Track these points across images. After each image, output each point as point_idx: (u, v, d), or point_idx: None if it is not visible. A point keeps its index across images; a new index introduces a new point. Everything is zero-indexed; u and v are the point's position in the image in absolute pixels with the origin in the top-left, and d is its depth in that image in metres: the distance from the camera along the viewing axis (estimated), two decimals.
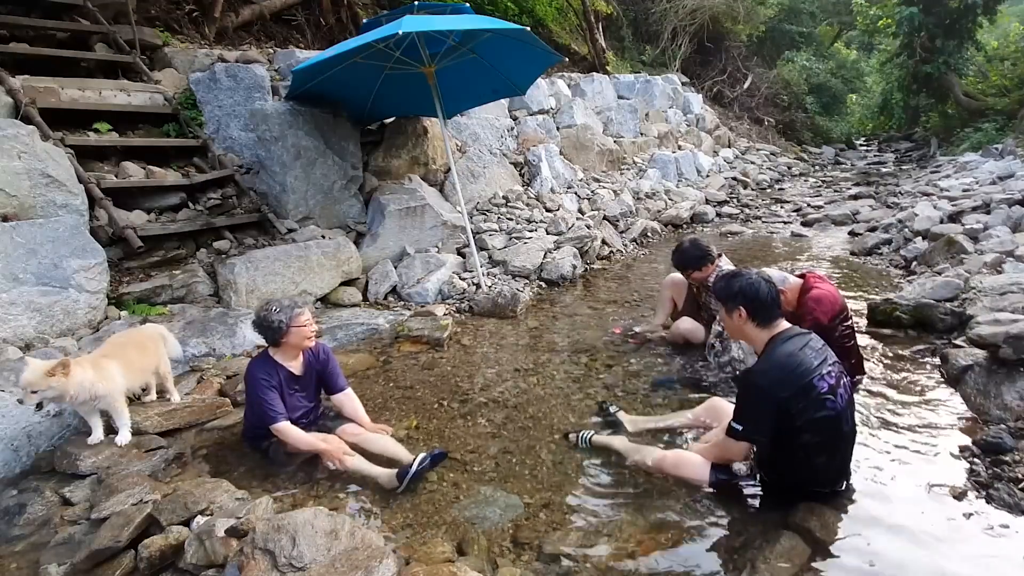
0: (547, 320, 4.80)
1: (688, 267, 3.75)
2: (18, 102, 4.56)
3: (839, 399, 2.20)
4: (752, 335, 2.37)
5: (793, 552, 2.08)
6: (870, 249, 6.54)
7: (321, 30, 8.55)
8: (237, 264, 4.58)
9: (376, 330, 4.55)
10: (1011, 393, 2.85)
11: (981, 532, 2.16)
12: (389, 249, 5.70)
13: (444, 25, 4.75)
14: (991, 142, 12.41)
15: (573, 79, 11.09)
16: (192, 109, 5.82)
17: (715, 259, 3.73)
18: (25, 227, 3.76)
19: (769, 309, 2.33)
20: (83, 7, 5.92)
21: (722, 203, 9.82)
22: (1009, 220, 5.81)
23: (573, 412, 3.26)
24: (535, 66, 6.05)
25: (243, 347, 4.06)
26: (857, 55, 25.75)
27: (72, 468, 2.69)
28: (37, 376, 2.51)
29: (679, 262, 3.79)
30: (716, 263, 3.73)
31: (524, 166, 8.08)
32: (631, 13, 15.85)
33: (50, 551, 2.26)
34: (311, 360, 2.96)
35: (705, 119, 14.15)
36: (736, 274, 2.46)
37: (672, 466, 2.53)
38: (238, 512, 2.25)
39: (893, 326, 4.04)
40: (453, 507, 2.49)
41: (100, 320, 4.01)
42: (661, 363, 3.82)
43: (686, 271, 3.80)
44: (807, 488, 2.32)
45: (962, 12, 14.53)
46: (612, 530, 2.30)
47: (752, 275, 2.40)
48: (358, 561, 1.85)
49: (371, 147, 6.46)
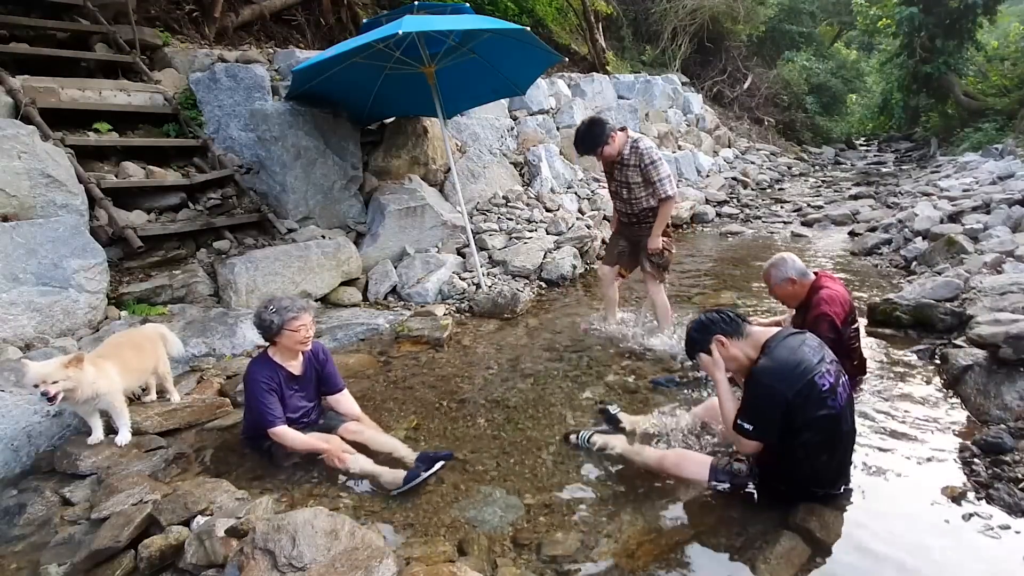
0: (547, 320, 4.80)
1: (597, 145, 3.79)
2: (18, 102, 4.56)
3: (839, 398, 2.20)
4: (744, 353, 2.35)
5: (793, 552, 2.08)
6: (870, 249, 6.54)
7: (321, 30, 8.54)
8: (237, 264, 4.58)
9: (376, 330, 4.55)
10: (1011, 393, 2.85)
11: (981, 532, 2.16)
12: (389, 249, 5.70)
13: (444, 25, 4.75)
14: (991, 142, 12.41)
15: (573, 79, 11.09)
16: (192, 109, 5.82)
17: (617, 129, 3.82)
18: (25, 227, 3.76)
19: (737, 321, 2.40)
20: (83, 7, 5.91)
21: (722, 203, 9.82)
22: (1009, 220, 5.81)
23: (573, 412, 3.26)
24: (535, 66, 6.05)
25: (243, 347, 4.06)
26: (857, 55, 25.75)
27: (72, 468, 2.69)
28: (57, 368, 2.58)
29: (588, 145, 3.82)
30: (626, 133, 3.85)
31: (524, 166, 8.08)
32: (631, 13, 15.85)
33: (50, 551, 2.26)
34: (311, 360, 2.96)
35: (705, 119, 14.15)
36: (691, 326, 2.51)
37: (672, 466, 2.53)
38: (238, 512, 2.25)
39: (893, 326, 4.04)
40: (453, 507, 2.49)
41: (100, 320, 4.01)
42: (661, 363, 3.82)
43: (595, 151, 3.83)
44: (807, 488, 2.31)
45: (962, 12, 14.53)
46: (612, 530, 2.30)
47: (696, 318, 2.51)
48: (358, 561, 1.85)
49: (371, 147, 6.46)
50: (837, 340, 2.83)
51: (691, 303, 5.01)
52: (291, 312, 2.76)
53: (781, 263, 3.09)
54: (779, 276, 3.07)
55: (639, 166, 3.79)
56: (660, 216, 3.88)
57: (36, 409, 2.93)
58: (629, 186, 3.88)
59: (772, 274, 3.10)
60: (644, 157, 3.76)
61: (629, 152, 3.81)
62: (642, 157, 3.77)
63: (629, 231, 4.16)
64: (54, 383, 2.55)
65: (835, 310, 2.92)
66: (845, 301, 3.02)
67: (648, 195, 3.87)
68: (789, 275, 3.05)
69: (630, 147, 3.81)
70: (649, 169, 3.76)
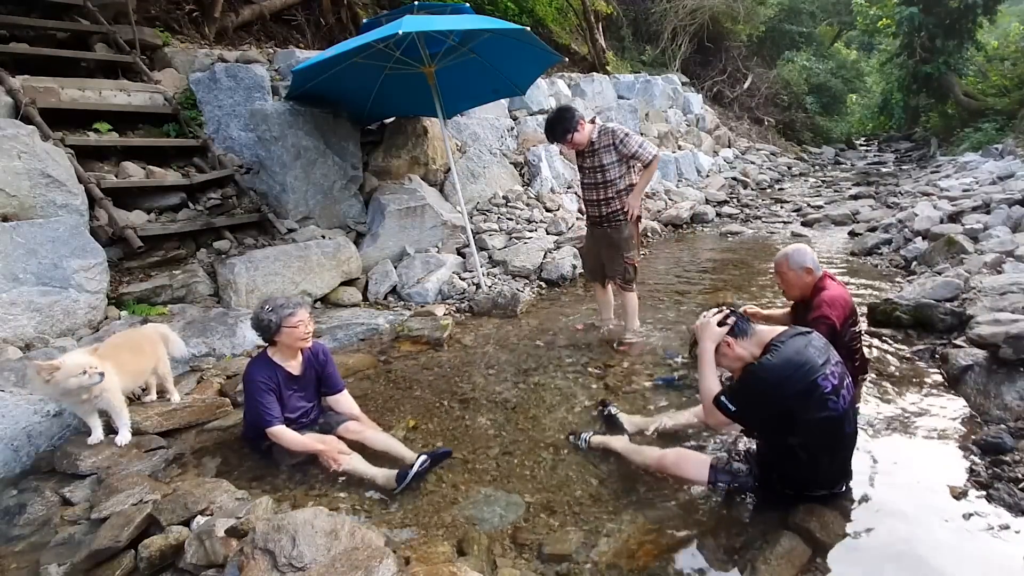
0: (547, 320, 4.79)
1: (567, 132, 3.82)
2: (18, 102, 4.56)
3: (841, 400, 2.18)
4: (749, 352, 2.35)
5: (793, 552, 2.07)
6: (870, 249, 6.53)
7: (321, 30, 8.55)
8: (237, 264, 4.58)
9: (376, 330, 4.55)
10: (1011, 393, 2.85)
11: (981, 532, 2.16)
12: (389, 249, 5.71)
13: (444, 25, 4.75)
14: (991, 142, 12.41)
15: (573, 79, 11.09)
16: (192, 109, 5.82)
17: (585, 118, 3.88)
18: (25, 227, 3.76)
19: (743, 323, 2.40)
20: (83, 7, 5.92)
21: (722, 203, 9.81)
22: (1009, 220, 5.80)
23: (573, 412, 3.26)
24: (535, 66, 6.05)
25: (243, 347, 4.06)
26: (857, 55, 25.75)
27: (72, 468, 2.69)
28: (90, 355, 2.73)
29: (559, 132, 3.84)
30: (595, 123, 3.92)
31: (524, 166, 8.08)
32: (631, 13, 15.85)
33: (50, 551, 2.26)
34: (310, 360, 2.96)
35: (705, 119, 14.15)
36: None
37: (672, 465, 2.53)
38: (238, 512, 2.25)
39: (893, 326, 4.03)
40: (453, 507, 2.49)
41: (100, 320, 4.02)
42: (661, 363, 3.82)
43: (565, 137, 3.85)
44: (807, 489, 2.31)
45: (962, 12, 14.52)
46: (612, 530, 2.30)
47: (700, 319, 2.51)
48: (358, 561, 1.84)
49: (371, 147, 6.46)
50: (835, 342, 2.83)
51: (692, 303, 5.01)
52: (288, 309, 2.77)
53: (802, 251, 3.13)
54: (798, 262, 3.08)
55: (612, 144, 3.84)
56: (645, 176, 3.96)
57: (36, 409, 2.94)
58: (603, 169, 3.90)
59: (791, 257, 3.11)
60: (616, 134, 3.84)
61: (598, 136, 3.88)
62: (614, 134, 3.84)
63: (599, 232, 4.13)
64: (93, 367, 2.64)
65: (835, 313, 2.92)
66: (846, 303, 3.02)
67: (622, 176, 3.91)
68: (807, 264, 3.07)
69: (599, 131, 3.89)
70: (626, 141, 3.82)
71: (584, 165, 4.01)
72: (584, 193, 4.15)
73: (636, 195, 3.97)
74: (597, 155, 3.90)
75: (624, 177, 3.93)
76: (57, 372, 2.56)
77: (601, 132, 3.88)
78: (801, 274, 3.08)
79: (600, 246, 4.16)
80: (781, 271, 3.16)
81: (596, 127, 3.91)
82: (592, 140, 3.88)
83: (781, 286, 3.25)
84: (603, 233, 4.08)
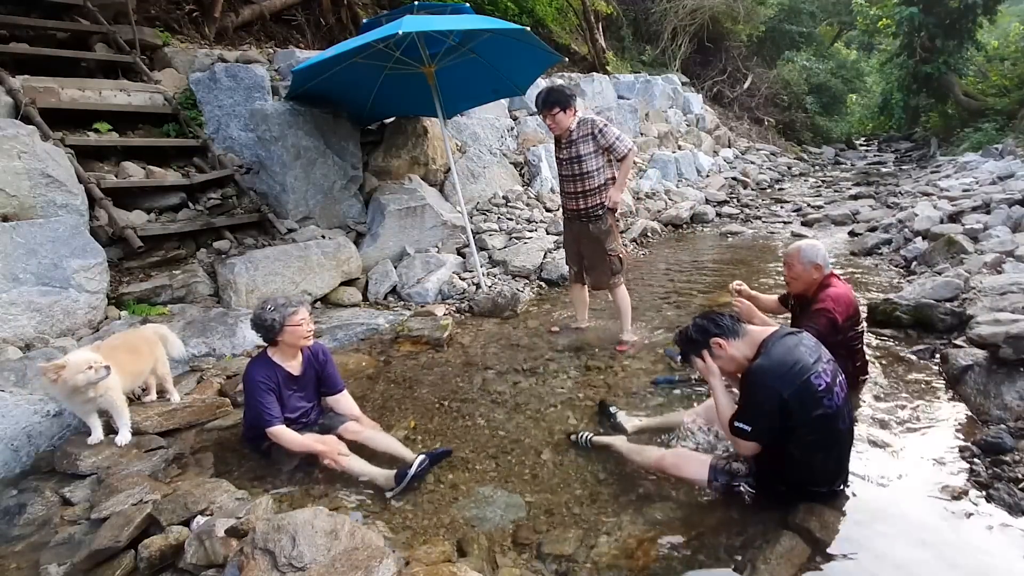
0: (547, 320, 4.79)
1: (558, 104, 3.86)
2: (18, 102, 4.56)
3: (835, 397, 2.19)
4: (741, 353, 2.35)
5: (793, 552, 2.07)
6: (870, 249, 6.53)
7: (321, 30, 8.55)
8: (237, 264, 4.59)
9: (376, 330, 4.55)
10: (1011, 393, 2.85)
11: (981, 532, 2.16)
12: (389, 249, 5.71)
13: (444, 25, 4.75)
14: (991, 142, 12.40)
15: (573, 79, 11.08)
16: (192, 109, 5.82)
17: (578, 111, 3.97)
18: (25, 227, 3.76)
19: (732, 322, 2.41)
20: (83, 7, 5.92)
21: (722, 203, 9.81)
22: (1009, 220, 5.80)
23: (573, 412, 3.26)
24: (535, 66, 6.05)
25: (243, 347, 4.06)
26: (857, 55, 25.74)
27: (72, 468, 2.69)
28: (94, 352, 2.75)
29: (552, 100, 3.87)
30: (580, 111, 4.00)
31: (524, 166, 8.08)
32: (631, 13, 15.85)
33: (50, 551, 2.26)
34: (310, 360, 2.96)
35: (705, 119, 14.15)
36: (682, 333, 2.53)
37: (672, 466, 2.53)
38: (238, 512, 2.25)
39: (893, 326, 4.04)
40: (453, 507, 2.49)
41: (100, 320, 4.02)
42: (661, 363, 3.82)
43: (554, 110, 3.87)
44: (805, 487, 2.31)
45: (962, 12, 14.52)
46: (612, 530, 2.30)
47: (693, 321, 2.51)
48: (358, 561, 1.84)
49: (371, 147, 6.46)
50: (835, 339, 2.84)
51: (692, 303, 5.01)
52: (290, 308, 2.77)
53: (815, 246, 3.14)
54: (809, 257, 3.08)
55: (591, 134, 3.87)
56: (623, 170, 3.98)
57: (36, 409, 2.94)
58: (580, 159, 3.91)
59: (804, 251, 3.11)
60: (595, 124, 3.88)
61: (577, 126, 3.91)
62: (593, 124, 3.88)
63: (578, 227, 4.13)
64: (98, 362, 2.66)
65: (838, 309, 2.93)
66: (850, 302, 3.04)
67: (600, 169, 3.92)
68: (818, 260, 3.07)
69: (577, 122, 3.92)
70: (604, 131, 3.86)
71: (561, 156, 4.03)
72: (562, 186, 4.14)
73: (617, 189, 3.99)
74: (575, 145, 3.91)
75: (602, 171, 3.94)
76: (63, 371, 2.57)
77: (580, 122, 3.91)
78: (810, 269, 3.08)
79: (580, 242, 4.15)
80: (791, 263, 3.16)
81: (576, 117, 3.94)
82: (571, 129, 3.91)
83: (787, 278, 3.25)
84: (582, 228, 4.08)
